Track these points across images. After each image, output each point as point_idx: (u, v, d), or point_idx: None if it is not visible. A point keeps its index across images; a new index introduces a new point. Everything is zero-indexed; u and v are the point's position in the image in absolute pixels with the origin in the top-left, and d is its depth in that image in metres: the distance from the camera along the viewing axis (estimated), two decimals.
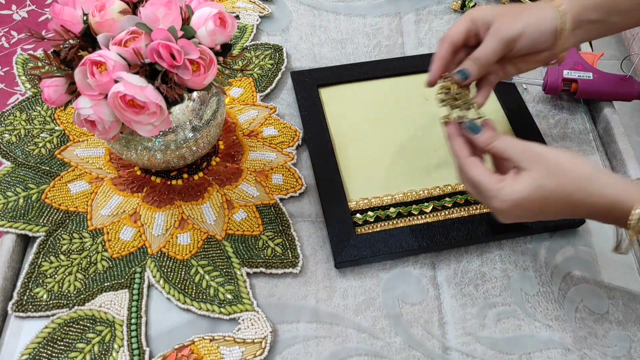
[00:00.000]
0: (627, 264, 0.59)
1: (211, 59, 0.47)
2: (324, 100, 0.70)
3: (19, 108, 0.66)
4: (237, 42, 0.75)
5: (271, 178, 0.62)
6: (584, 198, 0.46)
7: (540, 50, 0.55)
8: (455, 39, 0.54)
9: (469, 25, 0.54)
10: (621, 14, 0.54)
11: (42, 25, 1.75)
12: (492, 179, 0.48)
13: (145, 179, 0.61)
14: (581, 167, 0.46)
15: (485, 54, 0.53)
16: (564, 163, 0.46)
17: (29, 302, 0.53)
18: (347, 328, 0.54)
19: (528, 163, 0.47)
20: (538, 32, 0.53)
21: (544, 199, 0.47)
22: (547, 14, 0.53)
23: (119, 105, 0.44)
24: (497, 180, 0.48)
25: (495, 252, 0.59)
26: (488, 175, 0.48)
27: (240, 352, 0.51)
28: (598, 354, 0.53)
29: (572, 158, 0.47)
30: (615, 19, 0.54)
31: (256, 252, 0.57)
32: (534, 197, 0.47)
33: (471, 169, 0.49)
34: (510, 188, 0.47)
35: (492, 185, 0.48)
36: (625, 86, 0.69)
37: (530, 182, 0.46)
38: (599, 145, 0.69)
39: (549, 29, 0.53)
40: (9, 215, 0.57)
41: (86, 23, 0.47)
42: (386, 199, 0.61)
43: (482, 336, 0.54)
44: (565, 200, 0.47)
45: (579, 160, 0.47)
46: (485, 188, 0.48)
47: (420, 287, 0.57)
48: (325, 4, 0.83)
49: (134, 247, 0.56)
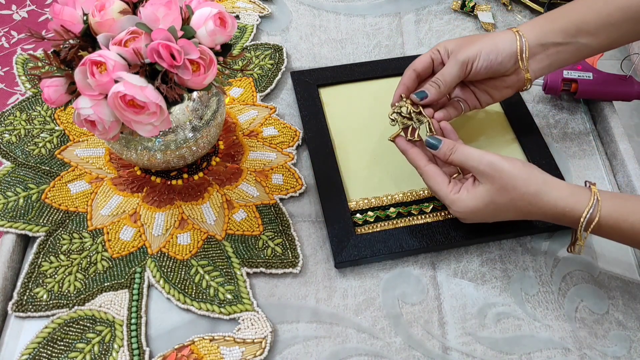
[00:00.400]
0: (627, 263, 0.59)
1: (211, 59, 0.47)
2: (324, 100, 0.70)
3: (19, 108, 0.66)
4: (237, 42, 0.75)
5: (271, 178, 0.62)
6: (533, 210, 0.51)
7: (503, 73, 0.58)
8: (419, 67, 0.59)
9: (433, 54, 0.59)
10: (590, 35, 0.56)
11: (42, 25, 1.75)
12: (447, 190, 0.53)
13: (145, 179, 0.61)
14: (534, 182, 0.50)
15: (443, 75, 0.57)
16: (516, 179, 0.50)
17: (29, 302, 0.53)
18: (347, 328, 0.54)
19: (483, 178, 0.51)
20: (494, 53, 0.56)
21: (496, 210, 0.52)
22: (504, 37, 0.57)
23: (119, 105, 0.44)
24: (453, 191, 0.53)
25: (495, 252, 0.59)
26: (445, 186, 0.54)
27: (240, 352, 0.51)
28: (598, 354, 0.53)
29: (528, 173, 0.51)
30: (585, 40, 0.56)
31: (256, 252, 0.57)
32: (487, 209, 0.52)
33: (429, 179, 0.55)
34: (464, 201, 0.52)
35: (448, 195, 0.53)
36: (625, 86, 0.69)
37: (483, 196, 0.51)
38: (599, 145, 0.69)
39: (506, 50, 0.56)
40: (9, 215, 0.57)
41: (86, 23, 0.47)
42: (386, 199, 0.61)
43: (482, 336, 0.54)
44: (516, 211, 0.52)
45: (534, 175, 0.51)
46: (442, 197, 0.54)
47: (420, 287, 0.57)
48: (325, 4, 0.83)
49: (134, 247, 0.56)
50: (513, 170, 0.50)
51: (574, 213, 0.49)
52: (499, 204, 0.51)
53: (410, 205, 0.61)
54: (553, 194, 0.50)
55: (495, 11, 0.83)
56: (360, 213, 0.60)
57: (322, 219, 0.60)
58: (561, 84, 0.69)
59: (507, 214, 0.53)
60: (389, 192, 0.62)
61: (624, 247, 0.60)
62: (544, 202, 0.50)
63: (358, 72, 0.72)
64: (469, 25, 0.81)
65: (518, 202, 0.51)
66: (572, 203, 0.50)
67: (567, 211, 0.50)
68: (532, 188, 0.50)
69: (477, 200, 0.52)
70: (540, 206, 0.50)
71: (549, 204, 0.50)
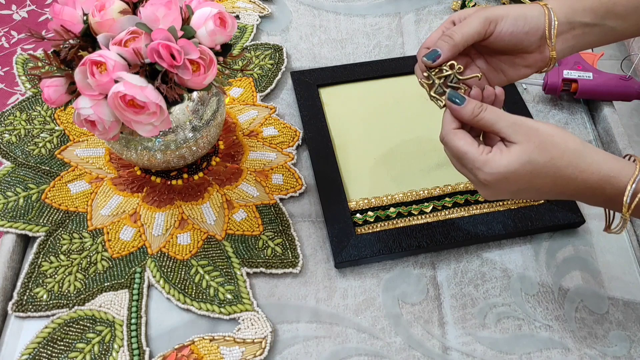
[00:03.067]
0: (627, 263, 0.59)
1: (211, 59, 0.47)
2: (324, 100, 0.70)
3: (19, 108, 0.66)
4: (237, 42, 0.75)
5: (271, 178, 0.62)
6: (574, 174, 0.44)
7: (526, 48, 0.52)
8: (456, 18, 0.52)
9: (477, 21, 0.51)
10: (619, 18, 0.52)
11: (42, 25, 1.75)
12: (478, 150, 0.45)
13: (145, 179, 0.61)
14: (572, 142, 0.45)
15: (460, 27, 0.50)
16: (554, 137, 0.44)
17: (29, 302, 0.53)
18: (347, 328, 0.54)
19: (519, 136, 0.45)
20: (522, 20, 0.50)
21: (532, 174, 0.45)
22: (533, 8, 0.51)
23: (119, 105, 0.44)
24: (485, 151, 0.45)
25: (495, 252, 0.59)
26: (474, 146, 0.46)
27: (240, 352, 0.51)
28: (598, 354, 0.53)
29: (563, 133, 0.45)
30: (613, 23, 0.52)
31: (256, 252, 0.57)
32: (523, 171, 0.45)
33: (455, 140, 0.47)
34: (498, 160, 0.44)
35: (478, 155, 0.45)
36: (625, 86, 0.69)
37: (520, 155, 0.44)
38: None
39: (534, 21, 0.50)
40: (9, 215, 0.57)
41: (86, 23, 0.47)
42: (386, 199, 0.61)
43: (482, 336, 0.54)
44: (555, 175, 0.45)
45: (570, 135, 0.45)
46: (470, 158, 0.45)
47: (420, 287, 0.57)
48: (325, 4, 0.82)
49: (134, 247, 0.56)
50: (550, 128, 0.45)
51: (619, 180, 0.44)
52: (538, 163, 0.44)
53: (410, 205, 0.61)
54: (595, 156, 0.44)
55: None
56: (360, 213, 0.60)
57: (322, 219, 0.60)
58: (561, 84, 0.69)
59: (543, 180, 0.45)
60: (389, 192, 0.62)
61: (624, 247, 0.60)
62: (586, 163, 0.44)
63: (358, 72, 0.72)
64: None
65: (558, 161, 0.44)
66: (618, 168, 0.44)
67: (611, 177, 0.44)
68: (572, 145, 0.44)
69: (511, 159, 0.44)
70: (582, 168, 0.44)
71: (591, 166, 0.44)
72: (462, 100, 0.47)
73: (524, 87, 0.74)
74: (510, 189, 0.46)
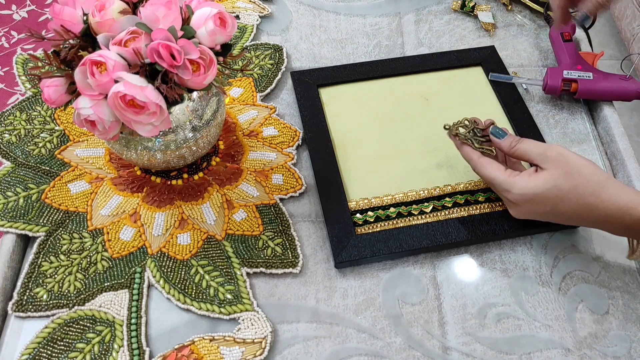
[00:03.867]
0: (627, 264, 0.59)
1: (211, 59, 0.47)
2: (324, 100, 0.70)
3: (19, 108, 0.66)
4: (237, 42, 0.75)
5: (271, 178, 0.62)
6: (595, 203, 0.49)
7: None
8: None
9: None
10: None
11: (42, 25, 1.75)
12: (505, 174, 0.53)
13: (145, 179, 0.61)
14: (598, 174, 0.49)
15: None
16: (582, 167, 0.49)
17: (29, 302, 0.53)
18: (347, 328, 0.54)
19: (548, 163, 0.51)
20: None
21: (558, 198, 0.50)
22: None
23: (119, 105, 0.44)
24: (512, 175, 0.52)
25: (495, 252, 0.59)
26: (502, 172, 0.53)
27: (240, 352, 0.51)
28: (598, 354, 0.53)
29: (592, 165, 0.50)
30: None
31: (256, 252, 0.57)
32: (549, 195, 0.50)
33: (485, 168, 0.54)
34: (526, 182, 0.51)
35: (505, 179, 0.52)
36: (625, 86, 0.69)
37: (547, 179, 0.50)
38: (599, 145, 0.69)
39: None
40: (9, 215, 0.57)
41: (86, 23, 0.47)
42: (386, 199, 0.61)
43: (482, 336, 0.54)
44: (578, 202, 0.50)
45: (598, 168, 0.50)
46: (499, 182, 0.53)
47: (420, 287, 0.57)
48: (325, 4, 0.82)
49: (134, 247, 0.56)
50: (579, 159, 0.50)
51: (637, 210, 0.48)
52: (562, 189, 0.50)
53: (410, 205, 0.61)
54: (617, 189, 0.49)
55: (495, 11, 0.83)
56: (360, 213, 0.60)
57: (322, 219, 0.60)
58: (561, 84, 0.69)
59: (567, 205, 0.50)
60: (389, 192, 0.62)
61: (624, 247, 0.60)
62: (607, 195, 0.49)
63: (358, 72, 0.72)
64: (469, 25, 0.81)
65: (581, 189, 0.49)
66: (637, 200, 0.48)
67: (630, 207, 0.48)
68: (596, 177, 0.49)
69: (539, 182, 0.51)
70: (603, 199, 0.49)
71: (612, 197, 0.49)
72: (502, 135, 0.56)
73: (524, 87, 0.74)
74: (537, 210, 0.52)
